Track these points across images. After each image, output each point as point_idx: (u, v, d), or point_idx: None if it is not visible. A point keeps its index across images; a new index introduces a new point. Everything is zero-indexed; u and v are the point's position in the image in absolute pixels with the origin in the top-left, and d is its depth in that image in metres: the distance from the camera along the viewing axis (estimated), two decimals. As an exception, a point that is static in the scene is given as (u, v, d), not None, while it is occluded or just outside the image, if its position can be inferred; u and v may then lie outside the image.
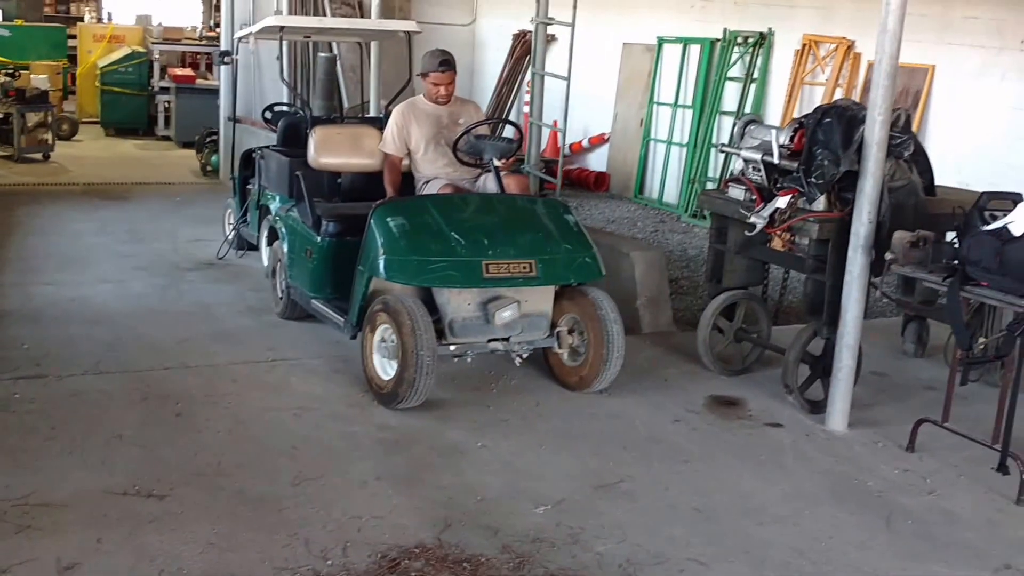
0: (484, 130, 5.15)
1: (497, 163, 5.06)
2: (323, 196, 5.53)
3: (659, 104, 10.47)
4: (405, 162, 5.41)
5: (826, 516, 3.62)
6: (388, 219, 4.51)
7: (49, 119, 11.18)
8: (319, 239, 5.10)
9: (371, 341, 4.46)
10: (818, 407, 4.51)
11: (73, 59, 15.50)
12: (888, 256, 4.06)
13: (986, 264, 3.72)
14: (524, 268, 4.41)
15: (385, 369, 4.39)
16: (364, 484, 3.65)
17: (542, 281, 4.48)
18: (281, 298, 5.66)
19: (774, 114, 8.94)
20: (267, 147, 6.50)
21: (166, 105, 13.31)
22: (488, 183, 5.18)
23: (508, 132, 5.64)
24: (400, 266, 4.41)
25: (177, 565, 3.04)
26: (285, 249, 5.54)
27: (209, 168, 10.73)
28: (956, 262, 3.85)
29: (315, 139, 5.53)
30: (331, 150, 5.52)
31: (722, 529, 3.47)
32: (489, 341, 4.49)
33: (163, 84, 13.46)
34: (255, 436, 4.02)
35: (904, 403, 4.74)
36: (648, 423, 4.38)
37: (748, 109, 9.10)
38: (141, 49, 14.19)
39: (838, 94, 8.12)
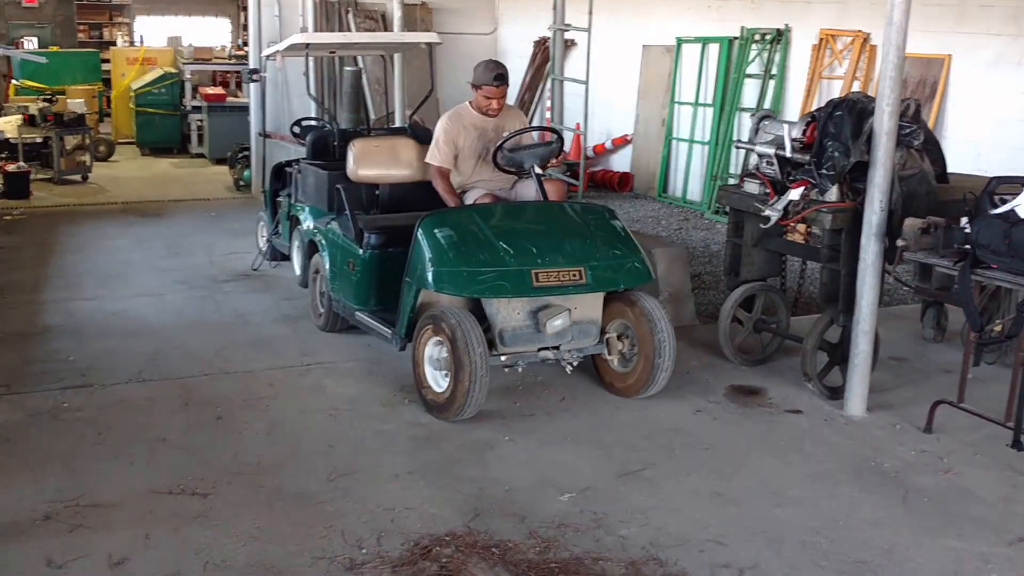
0: (524, 138, 5.09)
1: (538, 169, 5.02)
2: (362, 208, 5.56)
3: (680, 104, 10.55)
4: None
5: (843, 497, 3.70)
6: (435, 230, 4.47)
7: (87, 141, 11.53)
8: (362, 251, 5.07)
9: (422, 354, 4.45)
10: (837, 393, 4.59)
11: (107, 82, 15.93)
12: (900, 243, 4.14)
13: (995, 247, 3.79)
14: (574, 276, 4.36)
15: (438, 382, 4.38)
16: (396, 478, 3.79)
17: (592, 288, 4.42)
18: (322, 312, 5.66)
19: (793, 109, 8.98)
20: (301, 160, 6.59)
21: (199, 124, 13.62)
22: (526, 189, 5.19)
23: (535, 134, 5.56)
24: (450, 277, 4.36)
25: (221, 557, 3.18)
26: (326, 262, 5.51)
27: (242, 183, 10.99)
28: (967, 246, 3.93)
29: (354, 152, 5.60)
30: (370, 162, 5.60)
31: (741, 511, 3.57)
32: (539, 350, 4.44)
33: (195, 103, 13.77)
34: (292, 436, 4.18)
35: (922, 386, 4.80)
36: (670, 413, 4.49)
37: (767, 105, 9.15)
38: (173, 70, 14.53)
39: (856, 87, 8.15)
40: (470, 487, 3.72)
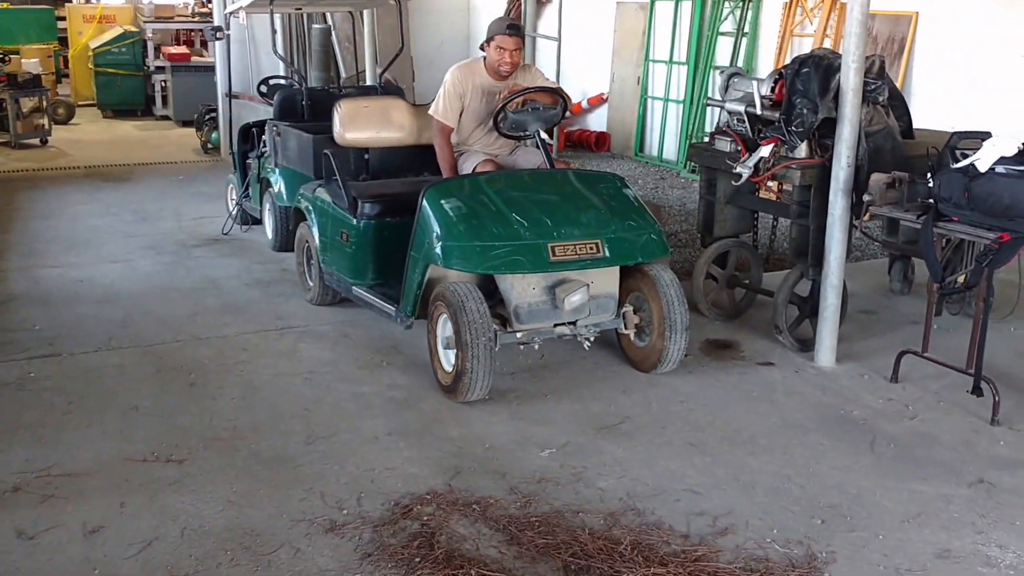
0: (529, 98, 4.71)
1: (543, 135, 4.75)
2: (350, 174, 5.31)
3: (654, 62, 10.52)
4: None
5: (813, 444, 3.81)
6: (443, 201, 4.22)
7: (44, 103, 11.25)
8: (356, 221, 4.81)
9: (436, 333, 4.26)
10: (807, 345, 4.69)
11: (64, 41, 15.48)
12: (866, 198, 4.21)
13: (956, 200, 3.87)
14: (591, 249, 4.14)
15: (450, 360, 4.18)
16: (376, 439, 3.81)
17: (611, 262, 4.21)
18: (312, 285, 5.41)
19: (766, 67, 9.00)
20: (280, 123, 6.37)
21: (163, 84, 13.35)
22: (527, 156, 4.99)
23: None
24: (461, 252, 4.11)
25: (199, 523, 3.17)
26: (315, 232, 5.21)
27: (210, 146, 10.82)
28: (930, 200, 4.00)
29: (340, 114, 5.27)
30: (358, 125, 5.29)
31: (715, 461, 3.66)
32: (556, 326, 4.25)
33: (158, 63, 13.49)
34: (268, 400, 4.17)
35: (889, 337, 4.92)
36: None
37: (740, 63, 9.17)
38: (133, 29, 14.18)
39: (827, 44, 8.18)
40: (450, 446, 3.76)
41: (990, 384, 3.99)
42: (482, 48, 4.95)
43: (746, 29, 9.26)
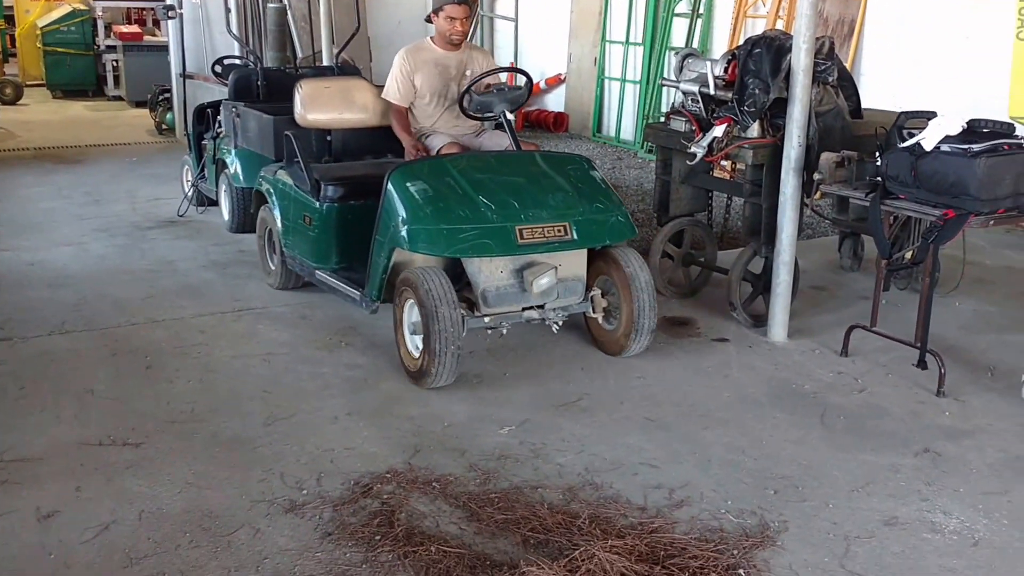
0: (492, 81, 4.80)
1: (509, 116, 4.70)
2: (312, 156, 5.24)
3: (611, 42, 10.56)
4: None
5: (766, 417, 3.89)
6: (408, 184, 4.15)
7: (-9, 84, 11.05)
8: (319, 204, 4.75)
9: (402, 319, 4.21)
10: (760, 321, 4.78)
11: (10, 20, 15.10)
12: (817, 177, 4.29)
13: (903, 178, 3.96)
14: (559, 231, 4.10)
15: (417, 346, 4.12)
16: (335, 420, 3.81)
17: (579, 244, 4.18)
18: (273, 269, 5.34)
19: (720, 48, 9.08)
20: (238, 104, 6.29)
21: (114, 64, 13.10)
22: (493, 138, 4.98)
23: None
24: (427, 236, 4.05)
25: (156, 505, 3.15)
26: (277, 216, 5.13)
27: (164, 127, 10.67)
28: (878, 178, 4.10)
29: (302, 95, 5.21)
30: (320, 106, 5.22)
31: (672, 435, 3.73)
32: (524, 310, 4.21)
33: (109, 43, 13.22)
34: (226, 382, 4.15)
35: (840, 313, 5.03)
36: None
37: (695, 44, 9.24)
38: (82, 7, 13.88)
39: (779, 26, 8.28)
40: (409, 425, 3.78)
41: (936, 357, 4.10)
42: (429, 20, 4.99)
43: (701, 10, 9.33)
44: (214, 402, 3.96)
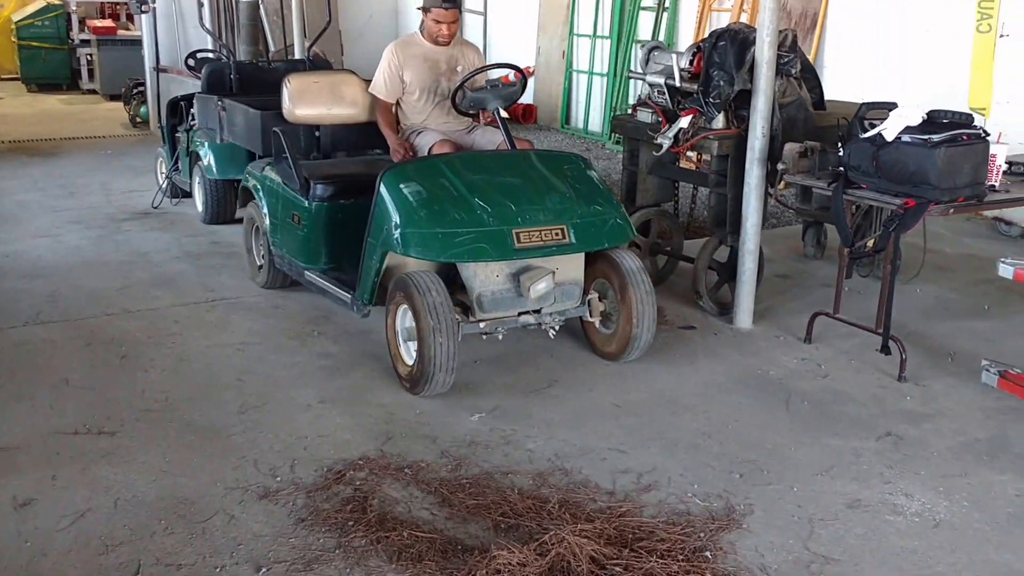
0: (485, 77, 4.69)
1: (503, 113, 4.63)
2: (300, 152, 5.17)
3: (579, 36, 10.62)
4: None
5: (732, 403, 3.97)
6: (401, 185, 4.01)
7: (-36, 78, 10.95)
8: (308, 203, 4.63)
9: (395, 324, 4.08)
10: (726, 309, 4.87)
11: (-17, 14, 14.96)
12: (780, 167, 4.38)
13: (864, 168, 4.05)
14: (557, 235, 3.96)
15: (411, 353, 3.99)
16: (308, 408, 3.84)
17: (577, 248, 4.04)
18: (261, 266, 5.22)
19: (686, 41, 9.16)
20: (225, 98, 6.18)
21: (88, 58, 13.02)
22: (486, 136, 4.92)
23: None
24: (421, 240, 3.91)
25: (132, 493, 3.17)
26: (265, 214, 5.01)
27: (139, 120, 10.63)
28: (840, 168, 4.19)
29: (290, 90, 5.07)
30: (308, 101, 5.09)
31: (639, 421, 3.80)
32: (520, 315, 4.09)
33: (83, 37, 13.14)
34: (200, 372, 4.18)
35: (803, 300, 5.13)
36: (574, 334, 4.64)
37: (661, 37, 9.32)
38: (56, 1, 13.78)
39: (743, 19, 8.38)
40: (381, 413, 3.82)
41: (897, 343, 4.20)
42: (421, 10, 4.93)
43: (667, 4, 9.43)
44: (188, 391, 3.99)
